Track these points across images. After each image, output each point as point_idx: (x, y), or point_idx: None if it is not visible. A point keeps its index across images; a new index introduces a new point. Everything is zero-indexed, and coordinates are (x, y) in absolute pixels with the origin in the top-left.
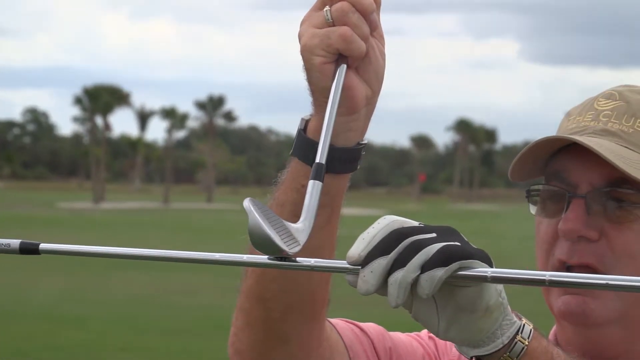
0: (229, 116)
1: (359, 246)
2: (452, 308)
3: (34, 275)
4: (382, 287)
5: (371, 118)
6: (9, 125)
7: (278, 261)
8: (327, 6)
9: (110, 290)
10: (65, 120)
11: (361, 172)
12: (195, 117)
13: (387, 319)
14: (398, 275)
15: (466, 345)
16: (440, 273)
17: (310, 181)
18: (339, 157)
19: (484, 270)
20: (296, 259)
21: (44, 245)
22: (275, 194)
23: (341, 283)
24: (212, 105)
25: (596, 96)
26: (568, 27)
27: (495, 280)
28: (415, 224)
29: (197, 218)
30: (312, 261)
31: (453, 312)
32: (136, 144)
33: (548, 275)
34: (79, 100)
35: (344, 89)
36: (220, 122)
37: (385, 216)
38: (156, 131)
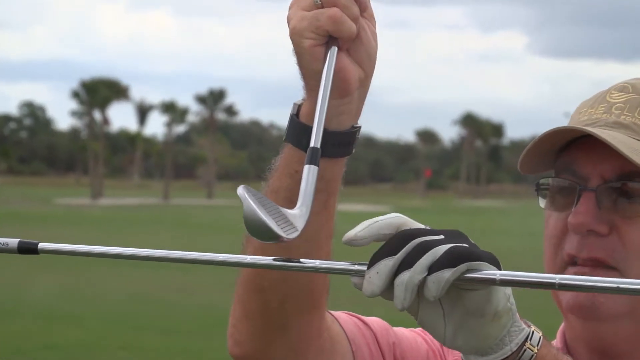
0: (230, 110)
1: (358, 228)
2: (460, 313)
3: (31, 273)
4: (388, 289)
5: (365, 100)
6: (5, 119)
7: (282, 262)
8: None
9: (108, 288)
10: (63, 114)
11: (365, 168)
12: (195, 112)
13: (391, 316)
14: (405, 276)
15: (474, 353)
16: (447, 274)
17: (306, 166)
18: (333, 141)
19: (492, 272)
20: (300, 260)
21: (43, 245)
22: (269, 181)
23: (346, 284)
24: (213, 99)
25: (608, 88)
26: (576, 20)
27: (504, 283)
28: (422, 225)
29: (198, 214)
30: (317, 262)
31: (460, 317)
32: (135, 139)
33: (558, 279)
34: (76, 94)
35: (335, 71)
36: (221, 117)
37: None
38: (155, 126)
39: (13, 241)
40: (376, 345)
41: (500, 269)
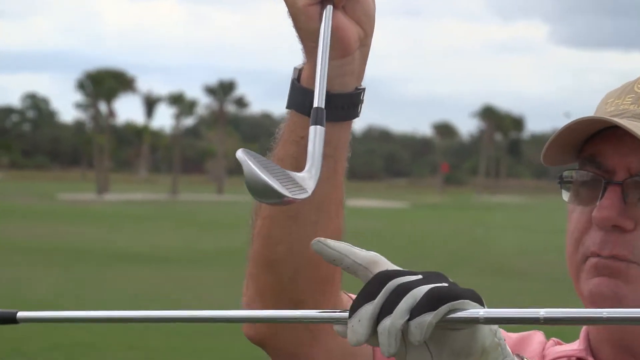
0: (241, 102)
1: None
2: (447, 354)
3: (32, 270)
4: (373, 336)
5: (367, 60)
6: (7, 111)
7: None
8: None
9: (112, 285)
10: (67, 106)
11: (380, 162)
12: (204, 104)
13: None
14: (386, 322)
15: None
16: (429, 318)
17: (311, 127)
18: (338, 104)
19: (475, 311)
20: (280, 310)
21: (22, 314)
22: (274, 150)
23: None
24: (223, 90)
25: (637, 79)
26: (601, 8)
27: (489, 321)
28: (397, 267)
29: (207, 210)
30: (297, 312)
31: (448, 359)
32: (142, 132)
33: (542, 312)
34: (81, 85)
35: (333, 30)
36: (231, 109)
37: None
38: (163, 118)
39: None
40: None
41: (483, 306)
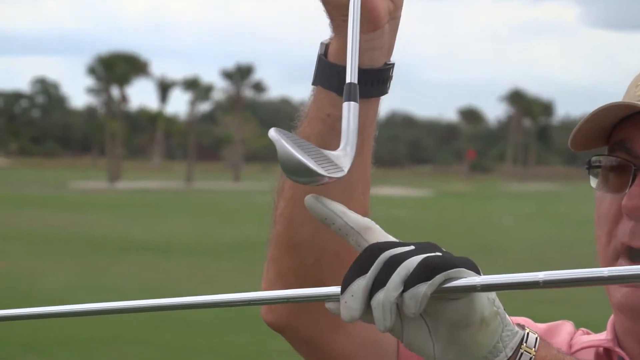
0: (259, 87)
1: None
2: (445, 326)
3: (44, 262)
4: (367, 311)
5: (396, 35)
6: (16, 96)
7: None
8: None
9: (124, 277)
10: (78, 91)
11: (404, 149)
12: (221, 88)
13: None
14: (380, 296)
15: None
16: (423, 289)
17: (345, 103)
18: (366, 80)
19: (471, 279)
20: (271, 291)
21: None
22: (299, 128)
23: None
24: (240, 74)
25: None
26: None
27: (486, 288)
28: (390, 237)
29: (223, 199)
30: (289, 292)
31: (447, 331)
32: (156, 118)
33: (542, 276)
34: (92, 70)
35: (362, 2)
36: (248, 94)
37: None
38: (178, 103)
39: None
40: None
41: (479, 274)
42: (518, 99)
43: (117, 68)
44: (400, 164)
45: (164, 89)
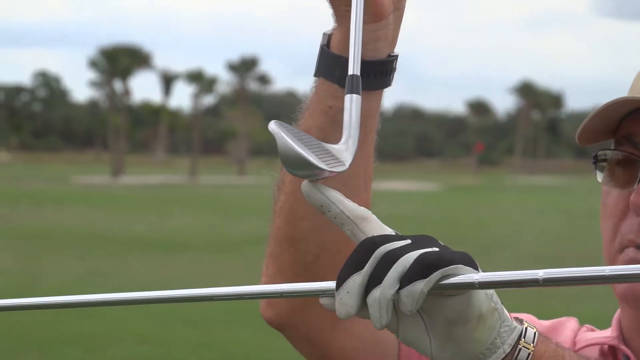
0: (264, 79)
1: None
2: (442, 323)
3: (47, 258)
4: (363, 308)
5: (400, 26)
6: (17, 90)
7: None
8: None
9: (128, 274)
10: (80, 84)
11: (411, 142)
12: (225, 81)
13: None
14: (376, 293)
15: None
16: (420, 286)
17: (347, 96)
18: (370, 71)
19: (469, 276)
20: (263, 285)
21: None
22: (299, 121)
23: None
24: (245, 67)
25: None
26: None
27: (484, 285)
28: (388, 229)
29: (228, 193)
30: (283, 286)
31: (444, 327)
32: (159, 111)
33: (542, 273)
34: (94, 63)
35: None
36: (253, 87)
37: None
38: (181, 97)
39: None
40: None
41: (477, 269)
42: (527, 91)
43: (120, 61)
44: (407, 157)
45: (168, 81)
